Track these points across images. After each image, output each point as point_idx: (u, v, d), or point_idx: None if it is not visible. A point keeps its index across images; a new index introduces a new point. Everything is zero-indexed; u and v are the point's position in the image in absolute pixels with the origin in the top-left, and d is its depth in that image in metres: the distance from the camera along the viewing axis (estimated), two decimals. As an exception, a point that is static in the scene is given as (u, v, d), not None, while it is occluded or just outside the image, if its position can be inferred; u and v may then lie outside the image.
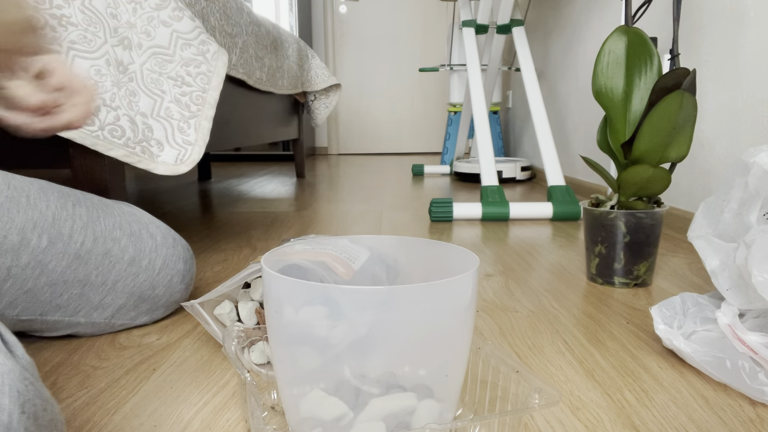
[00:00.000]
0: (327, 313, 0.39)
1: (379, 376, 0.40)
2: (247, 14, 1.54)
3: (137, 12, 0.90)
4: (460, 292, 0.41)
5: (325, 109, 2.51)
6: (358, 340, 0.39)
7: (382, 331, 0.39)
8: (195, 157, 0.93)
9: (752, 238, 0.55)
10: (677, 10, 1.04)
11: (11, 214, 0.60)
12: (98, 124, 0.85)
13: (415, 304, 0.39)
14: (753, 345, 0.56)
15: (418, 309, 0.39)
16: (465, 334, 0.43)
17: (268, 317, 0.42)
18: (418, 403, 0.40)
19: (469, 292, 0.42)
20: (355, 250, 0.54)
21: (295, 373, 0.41)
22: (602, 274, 0.93)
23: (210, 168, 2.69)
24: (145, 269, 0.71)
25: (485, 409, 0.50)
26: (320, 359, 0.40)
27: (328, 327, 0.39)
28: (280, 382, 0.43)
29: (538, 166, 2.63)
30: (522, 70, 1.87)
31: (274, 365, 0.43)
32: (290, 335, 0.40)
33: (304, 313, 0.39)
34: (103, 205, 0.71)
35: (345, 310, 0.38)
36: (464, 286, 0.41)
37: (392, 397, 0.40)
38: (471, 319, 0.44)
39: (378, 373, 0.40)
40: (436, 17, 4.31)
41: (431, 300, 0.40)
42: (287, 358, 0.41)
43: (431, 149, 4.49)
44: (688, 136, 0.85)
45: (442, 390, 0.42)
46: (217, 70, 0.96)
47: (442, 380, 0.42)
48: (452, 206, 1.51)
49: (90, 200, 0.70)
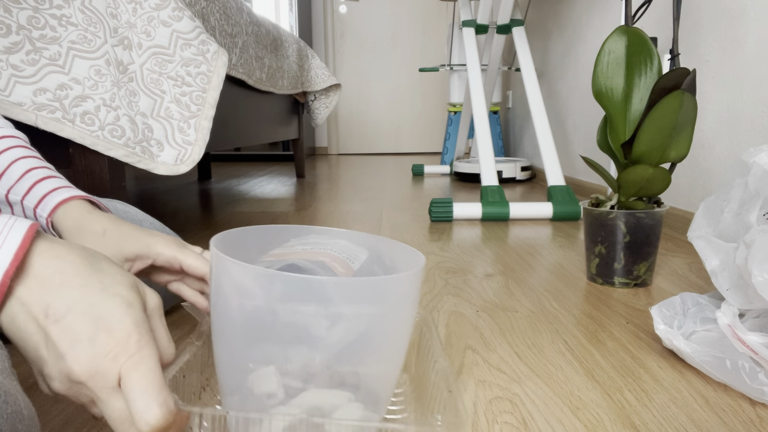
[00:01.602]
0: (271, 300, 0.39)
1: (318, 371, 0.40)
2: (247, 14, 1.54)
3: (137, 12, 0.90)
4: (399, 291, 0.42)
5: (325, 109, 2.51)
6: (305, 332, 0.40)
7: (321, 325, 0.40)
8: (195, 157, 0.93)
9: (752, 238, 0.55)
10: (677, 10, 1.04)
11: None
12: (98, 124, 0.85)
13: (354, 299, 0.40)
14: (753, 345, 0.56)
15: (356, 305, 0.40)
16: (402, 335, 0.44)
17: (216, 300, 0.43)
18: (345, 402, 0.41)
19: (409, 292, 0.43)
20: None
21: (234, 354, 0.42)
22: (602, 274, 0.93)
23: (210, 168, 2.69)
24: None
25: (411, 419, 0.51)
26: (263, 346, 0.41)
27: (272, 314, 0.40)
28: (221, 360, 0.44)
29: (538, 166, 2.63)
30: (522, 70, 1.87)
31: (216, 341, 0.44)
32: (239, 320, 0.41)
33: (250, 298, 0.40)
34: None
35: (291, 299, 0.39)
36: (404, 285, 0.42)
37: (325, 392, 0.41)
38: (408, 322, 0.44)
39: (315, 366, 0.41)
40: (436, 17, 4.31)
41: (370, 297, 0.40)
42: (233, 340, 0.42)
43: (431, 149, 4.49)
44: (688, 136, 0.85)
45: (371, 390, 0.43)
46: (217, 70, 0.96)
47: (374, 380, 0.43)
48: (452, 206, 1.51)
49: (104, 205, 0.70)
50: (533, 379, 0.60)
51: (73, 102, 0.84)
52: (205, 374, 0.51)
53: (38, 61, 0.83)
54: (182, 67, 0.93)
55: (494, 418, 0.52)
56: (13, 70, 0.81)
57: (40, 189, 0.55)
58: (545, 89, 2.57)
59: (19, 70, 0.81)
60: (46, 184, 0.55)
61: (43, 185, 0.55)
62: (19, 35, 0.81)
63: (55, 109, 0.83)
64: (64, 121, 0.84)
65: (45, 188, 0.55)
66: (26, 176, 0.55)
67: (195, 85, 0.94)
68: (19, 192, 0.55)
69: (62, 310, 0.34)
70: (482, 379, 0.60)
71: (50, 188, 0.55)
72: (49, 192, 0.55)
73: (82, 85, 0.85)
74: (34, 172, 0.56)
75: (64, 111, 0.84)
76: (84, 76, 0.85)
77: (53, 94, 0.83)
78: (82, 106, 0.85)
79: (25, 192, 0.55)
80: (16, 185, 0.55)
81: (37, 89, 0.82)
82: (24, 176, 0.55)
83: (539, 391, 0.57)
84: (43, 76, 0.83)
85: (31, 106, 0.82)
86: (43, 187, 0.55)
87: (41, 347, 0.34)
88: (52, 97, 0.83)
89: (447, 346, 0.69)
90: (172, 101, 0.92)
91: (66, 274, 0.35)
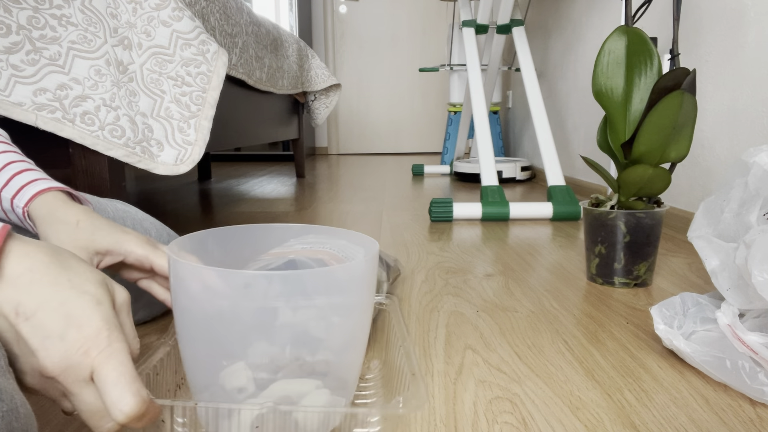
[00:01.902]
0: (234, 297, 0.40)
1: (287, 361, 0.42)
2: (247, 14, 1.54)
3: (137, 12, 0.90)
4: (354, 277, 0.43)
5: (325, 109, 2.51)
6: (263, 324, 0.41)
7: (286, 316, 0.41)
8: (195, 157, 0.93)
9: (752, 238, 0.55)
10: (677, 10, 1.04)
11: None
12: (98, 124, 0.85)
13: (311, 288, 0.41)
14: (753, 345, 0.56)
15: (314, 293, 0.41)
16: (362, 320, 0.45)
17: (176, 302, 0.44)
18: (313, 389, 0.42)
19: (365, 277, 0.44)
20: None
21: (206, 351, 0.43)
22: (602, 274, 0.93)
23: (210, 168, 2.69)
24: None
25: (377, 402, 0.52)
26: (231, 340, 0.42)
27: (237, 310, 0.41)
28: (187, 359, 0.45)
29: (538, 166, 2.63)
30: (522, 70, 1.87)
31: (180, 341, 0.45)
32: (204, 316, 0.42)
33: (206, 298, 0.41)
34: (96, 202, 0.71)
35: (255, 294, 0.40)
36: (359, 271, 0.43)
37: (294, 382, 0.42)
38: (367, 307, 0.46)
39: (284, 357, 0.42)
40: (436, 17, 4.31)
41: (327, 284, 0.41)
42: (200, 337, 0.43)
43: (431, 149, 4.49)
44: (688, 136, 0.85)
45: (338, 376, 0.44)
46: (217, 70, 0.96)
47: (339, 366, 0.44)
48: (452, 206, 1.51)
49: (83, 198, 0.70)
50: (533, 379, 0.60)
51: (73, 102, 0.84)
52: (180, 373, 0.52)
53: (38, 61, 0.83)
54: (182, 67, 0.93)
55: (494, 418, 0.52)
56: (13, 70, 0.81)
57: (19, 180, 0.56)
58: (545, 89, 2.57)
59: (19, 70, 0.81)
60: (24, 176, 0.57)
61: (21, 177, 0.56)
62: (19, 35, 0.81)
63: (55, 109, 0.83)
64: (64, 121, 0.84)
65: (23, 180, 0.56)
66: (5, 169, 0.57)
67: (195, 85, 0.94)
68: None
69: (32, 307, 0.35)
70: (482, 379, 0.60)
71: (29, 180, 0.56)
72: (27, 183, 0.56)
73: (82, 85, 0.85)
74: (13, 165, 0.57)
75: (64, 111, 0.84)
76: (84, 76, 0.85)
77: (53, 94, 0.83)
78: (82, 106, 0.85)
79: (4, 183, 0.56)
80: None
81: (37, 89, 0.82)
82: (3, 169, 0.57)
83: (539, 391, 0.57)
84: (43, 76, 0.83)
85: (31, 106, 0.82)
86: (22, 179, 0.56)
87: (13, 345, 0.35)
88: (52, 97, 0.83)
89: (447, 346, 0.69)
90: (172, 101, 0.92)
91: (35, 273, 0.36)
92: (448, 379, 0.60)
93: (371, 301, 0.47)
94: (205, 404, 0.39)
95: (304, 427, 0.40)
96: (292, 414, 0.39)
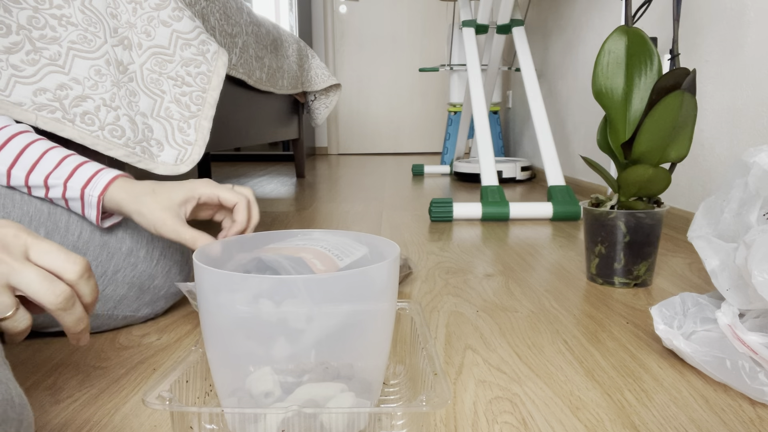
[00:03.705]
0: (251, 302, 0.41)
1: (312, 365, 0.42)
2: (247, 14, 1.54)
3: (137, 12, 0.90)
4: (374, 281, 0.43)
5: (325, 109, 2.51)
6: (288, 329, 0.41)
7: (311, 320, 0.41)
8: (195, 157, 0.93)
9: (752, 238, 0.55)
10: (677, 10, 1.04)
11: (7, 209, 0.61)
12: (98, 124, 0.85)
13: (333, 293, 0.41)
14: (753, 345, 0.56)
15: (336, 298, 0.42)
16: (384, 323, 0.46)
17: (202, 309, 0.45)
18: (338, 393, 0.43)
19: (385, 281, 0.44)
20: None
21: (230, 356, 0.44)
22: (602, 274, 0.93)
23: (210, 168, 2.69)
24: (144, 259, 0.72)
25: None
26: (256, 345, 0.42)
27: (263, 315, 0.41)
28: (215, 362, 0.45)
29: (538, 166, 2.63)
30: (522, 70, 1.87)
31: (207, 347, 0.46)
32: (226, 322, 0.43)
33: (231, 304, 0.42)
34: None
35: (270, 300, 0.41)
36: (382, 276, 0.44)
37: (319, 385, 0.43)
38: (389, 310, 0.46)
39: (309, 361, 0.42)
40: (436, 17, 4.31)
41: (348, 289, 0.42)
42: (226, 342, 0.44)
43: (431, 149, 4.49)
44: (688, 136, 0.85)
45: (363, 379, 0.45)
46: (217, 70, 0.96)
47: (364, 369, 0.45)
48: (452, 206, 1.51)
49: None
50: (533, 379, 0.60)
51: (73, 102, 0.84)
52: (209, 380, 0.51)
53: (38, 61, 0.83)
54: (182, 67, 0.93)
55: (494, 418, 0.52)
56: (13, 70, 0.81)
57: (84, 172, 0.66)
58: (545, 89, 2.57)
59: (19, 70, 0.81)
60: (87, 168, 0.66)
61: (84, 169, 0.66)
62: (19, 35, 0.81)
63: (55, 109, 0.83)
64: (64, 121, 0.84)
65: (88, 171, 0.66)
66: (64, 163, 0.65)
67: (195, 85, 0.94)
68: (61, 176, 0.65)
69: None
70: (482, 379, 0.60)
71: (93, 171, 0.66)
72: (94, 174, 0.66)
73: (82, 85, 0.85)
74: (70, 159, 0.66)
75: (64, 111, 0.84)
76: (84, 76, 0.85)
77: (53, 94, 0.83)
78: (82, 106, 0.85)
79: (68, 176, 0.65)
80: (55, 171, 0.65)
81: (37, 89, 0.82)
82: (61, 163, 0.65)
83: (539, 391, 0.57)
84: (43, 76, 0.83)
85: (31, 106, 0.82)
86: (86, 171, 0.66)
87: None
88: (52, 97, 0.83)
89: (447, 346, 0.69)
90: (172, 101, 0.92)
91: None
92: (448, 379, 0.60)
93: (393, 305, 0.47)
94: (231, 410, 0.40)
95: (329, 429, 0.40)
96: (318, 417, 0.40)
